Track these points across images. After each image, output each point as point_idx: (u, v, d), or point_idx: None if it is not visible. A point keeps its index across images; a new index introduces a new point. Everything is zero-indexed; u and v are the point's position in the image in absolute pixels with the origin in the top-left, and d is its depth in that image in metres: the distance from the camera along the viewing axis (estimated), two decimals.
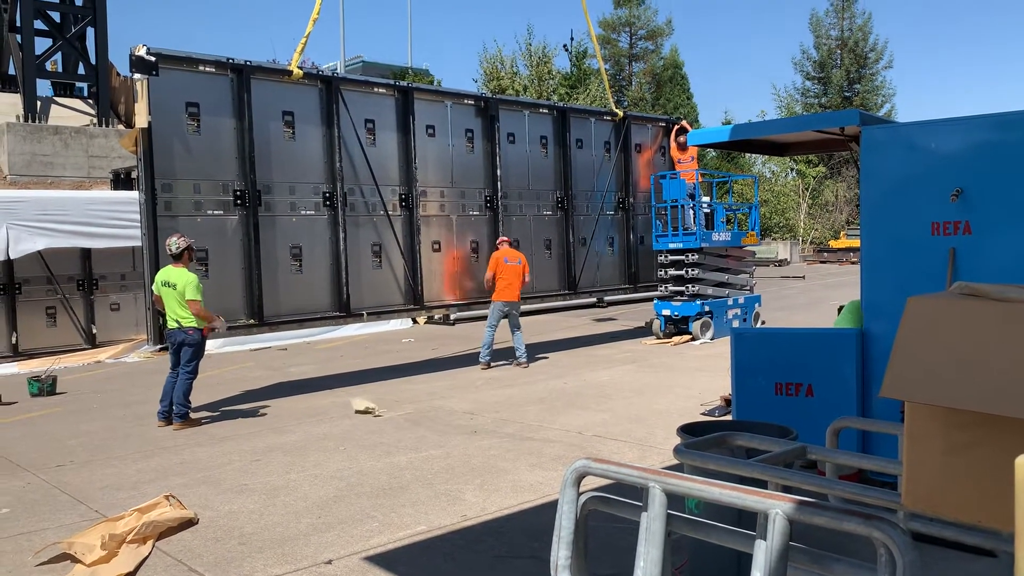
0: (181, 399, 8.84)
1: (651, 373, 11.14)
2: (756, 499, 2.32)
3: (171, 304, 8.84)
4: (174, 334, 8.94)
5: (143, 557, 4.96)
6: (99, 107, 25.11)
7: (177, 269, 8.87)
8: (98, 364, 14.23)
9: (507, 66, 36.53)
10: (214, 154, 10.16)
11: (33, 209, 14.23)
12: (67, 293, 15.61)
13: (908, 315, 2.22)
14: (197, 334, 8.93)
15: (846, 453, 3.50)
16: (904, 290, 3.20)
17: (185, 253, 8.96)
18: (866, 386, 5.56)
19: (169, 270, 8.92)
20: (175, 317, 8.86)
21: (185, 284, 8.77)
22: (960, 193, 4.95)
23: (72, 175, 22.40)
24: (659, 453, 6.97)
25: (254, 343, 15.10)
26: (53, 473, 7.12)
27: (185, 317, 8.83)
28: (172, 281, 8.82)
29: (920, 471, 2.18)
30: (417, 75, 41.17)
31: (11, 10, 24.85)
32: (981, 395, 2.00)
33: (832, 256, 44.66)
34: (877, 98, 56.98)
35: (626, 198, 15.29)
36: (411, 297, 12.12)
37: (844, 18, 57.99)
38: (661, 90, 51.67)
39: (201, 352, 9.11)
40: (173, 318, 8.88)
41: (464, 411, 9.07)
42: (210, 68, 10.10)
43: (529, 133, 13.70)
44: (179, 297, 8.79)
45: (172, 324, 8.91)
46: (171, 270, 8.90)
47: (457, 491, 6.13)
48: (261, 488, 6.41)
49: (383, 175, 11.72)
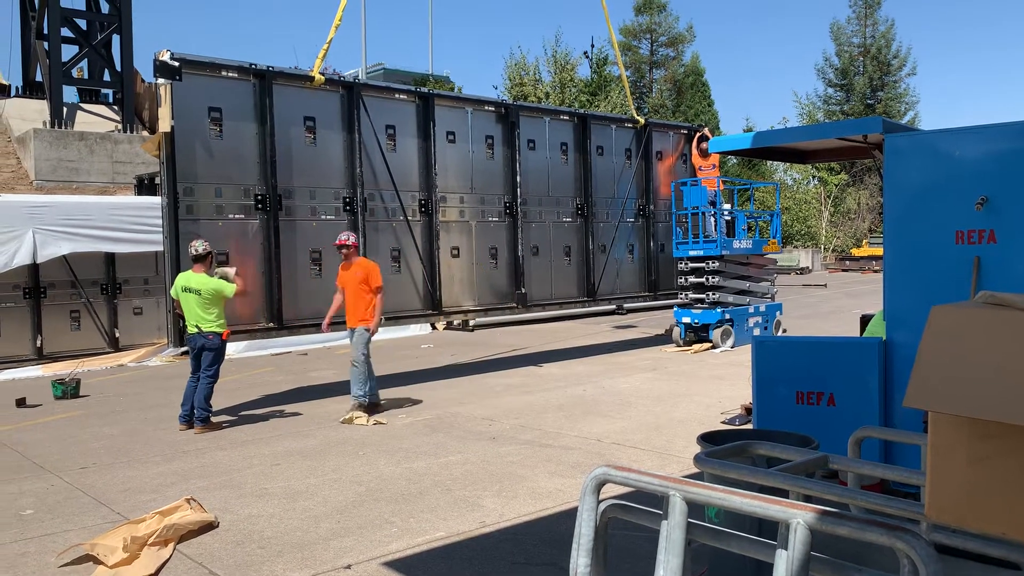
0: (202, 403, 8.89)
1: (671, 381, 11.10)
2: (778, 508, 2.30)
3: (192, 309, 8.90)
4: (195, 339, 8.99)
5: (164, 560, 4.99)
6: (124, 113, 25.40)
7: (198, 275, 8.93)
8: (121, 367, 14.35)
9: (531, 72, 36.64)
10: (236, 159, 10.24)
11: (58, 214, 14.40)
12: (91, 297, 15.77)
13: (932, 324, 2.20)
14: (217, 339, 8.97)
15: (869, 463, 3.47)
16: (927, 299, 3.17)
17: (208, 257, 9.06)
18: (888, 396, 5.50)
19: (189, 276, 8.98)
20: (195, 322, 8.92)
21: (212, 289, 8.87)
22: (985, 201, 4.90)
23: (97, 180, 22.66)
24: (678, 462, 6.94)
25: (274, 348, 15.19)
26: (76, 475, 7.19)
27: (206, 321, 8.88)
28: (194, 287, 8.88)
29: (944, 482, 2.16)
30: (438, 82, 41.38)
31: (38, 18, 25.21)
32: (1007, 405, 1.98)
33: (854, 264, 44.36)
34: (900, 105, 56.61)
35: (647, 205, 15.26)
36: (430, 303, 12.14)
37: (867, 25, 57.68)
38: (682, 97, 51.59)
39: (222, 356, 9.17)
40: (193, 323, 8.94)
41: (483, 417, 9.07)
42: (233, 73, 10.19)
43: (549, 140, 13.71)
44: (201, 302, 8.85)
45: (192, 329, 8.97)
46: (192, 276, 8.96)
47: (476, 497, 6.12)
48: (281, 492, 6.44)
49: (403, 181, 11.76)
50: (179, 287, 9.02)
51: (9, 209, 14.09)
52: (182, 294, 8.97)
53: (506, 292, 13.09)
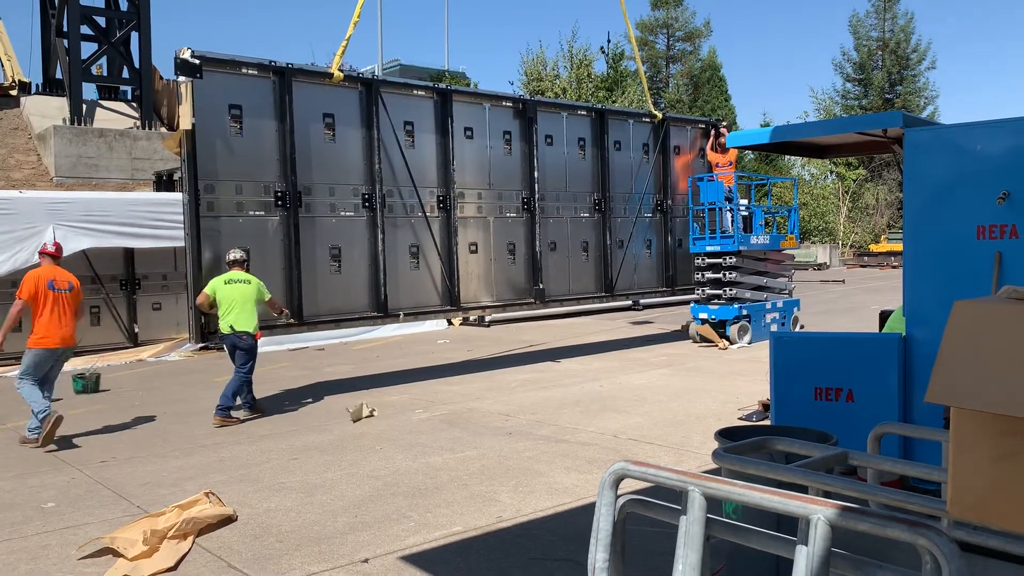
0: (228, 394, 9.02)
1: (687, 377, 11.06)
2: (798, 504, 2.29)
3: (234, 301, 9.12)
4: (227, 338, 9.20)
5: (183, 553, 5.03)
6: (143, 110, 25.57)
7: (241, 272, 9.30)
8: (140, 362, 14.46)
9: (548, 68, 36.58)
10: (256, 156, 10.29)
11: (78, 210, 14.53)
12: (110, 293, 15.89)
13: (954, 319, 2.18)
14: (250, 338, 9.19)
15: (889, 459, 3.44)
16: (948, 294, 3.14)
17: (247, 263, 9.48)
18: (908, 392, 5.46)
19: (232, 273, 9.29)
20: (231, 321, 9.11)
21: (258, 283, 9.31)
22: (1007, 196, 4.85)
23: (116, 176, 22.83)
24: (696, 457, 6.92)
25: (292, 343, 15.25)
26: (97, 469, 7.25)
27: (241, 319, 9.12)
28: (242, 279, 9.24)
29: (966, 479, 2.14)
30: (454, 78, 41.34)
31: (58, 15, 25.41)
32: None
33: (872, 260, 44.00)
34: (919, 100, 56.08)
35: (664, 200, 15.21)
36: (448, 298, 12.16)
37: (885, 19, 57.14)
38: (699, 92, 51.36)
39: (254, 355, 9.39)
40: (228, 323, 9.09)
41: (499, 413, 9.08)
42: (252, 71, 10.23)
43: (567, 135, 13.68)
44: (249, 291, 9.18)
45: (226, 329, 9.13)
46: (235, 273, 9.29)
47: (492, 492, 6.14)
48: (299, 486, 6.47)
49: (421, 177, 11.77)
50: (221, 281, 9.22)
51: (30, 205, 14.23)
52: (225, 287, 9.17)
53: (524, 287, 13.08)
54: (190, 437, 8.44)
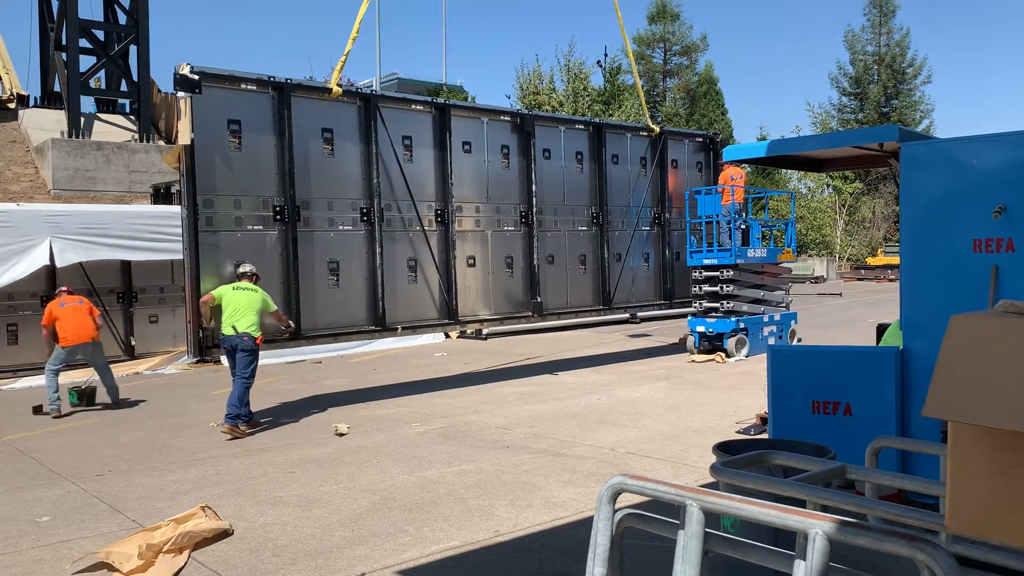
0: (234, 401, 9.00)
1: (685, 390, 11.05)
2: (797, 518, 2.29)
3: (239, 306, 9.20)
4: (229, 339, 9.22)
5: (179, 567, 5.01)
6: (140, 123, 25.63)
7: (249, 283, 9.46)
8: (136, 375, 14.42)
9: (545, 81, 36.68)
10: (255, 170, 10.30)
11: (76, 223, 14.53)
12: (107, 305, 15.86)
13: (951, 333, 2.19)
14: (251, 340, 9.21)
15: (887, 473, 3.44)
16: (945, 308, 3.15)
17: (256, 277, 9.59)
18: (905, 405, 5.47)
19: (242, 283, 9.45)
20: (233, 322, 9.16)
21: (263, 292, 9.45)
22: (1003, 210, 4.87)
23: (113, 189, 22.86)
24: (693, 471, 6.91)
25: (289, 356, 15.21)
26: (92, 482, 7.22)
27: (244, 321, 9.17)
28: (248, 287, 9.37)
29: (964, 493, 2.14)
30: (452, 91, 41.48)
31: (56, 29, 25.50)
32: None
33: (869, 273, 44.07)
34: (915, 113, 56.29)
35: (662, 213, 15.23)
36: (446, 312, 12.15)
37: (881, 34, 57.44)
38: (695, 105, 51.49)
39: (256, 359, 9.41)
40: (230, 324, 9.13)
41: (496, 426, 9.07)
42: (251, 86, 10.25)
43: (565, 149, 13.70)
44: (258, 302, 9.30)
45: (228, 331, 9.16)
46: (245, 283, 9.44)
47: (489, 506, 6.12)
48: (295, 500, 6.45)
49: (419, 191, 11.78)
50: (229, 287, 9.38)
51: (28, 217, 14.23)
52: (231, 292, 9.29)
53: (522, 301, 13.08)
54: (187, 450, 8.41)
